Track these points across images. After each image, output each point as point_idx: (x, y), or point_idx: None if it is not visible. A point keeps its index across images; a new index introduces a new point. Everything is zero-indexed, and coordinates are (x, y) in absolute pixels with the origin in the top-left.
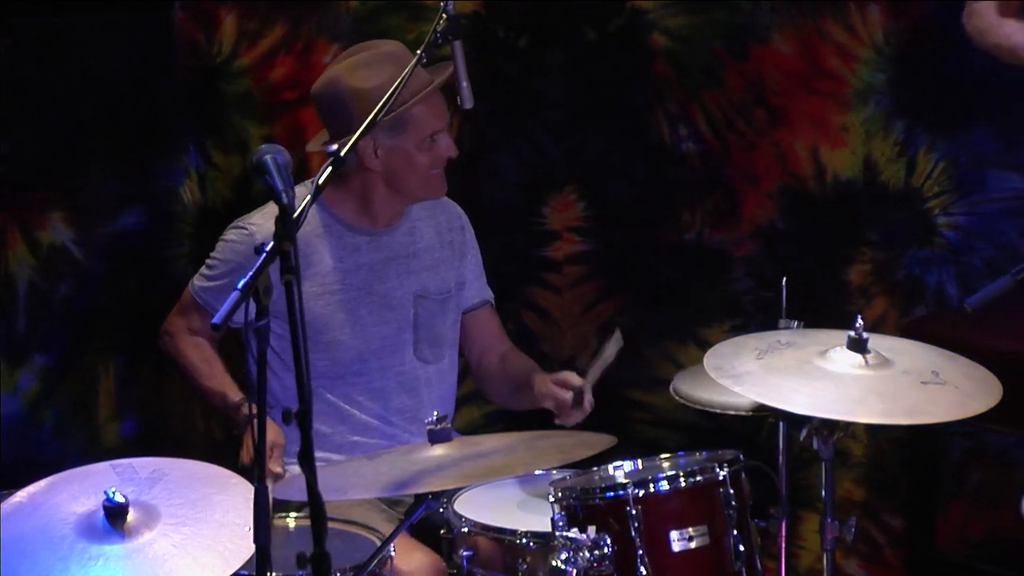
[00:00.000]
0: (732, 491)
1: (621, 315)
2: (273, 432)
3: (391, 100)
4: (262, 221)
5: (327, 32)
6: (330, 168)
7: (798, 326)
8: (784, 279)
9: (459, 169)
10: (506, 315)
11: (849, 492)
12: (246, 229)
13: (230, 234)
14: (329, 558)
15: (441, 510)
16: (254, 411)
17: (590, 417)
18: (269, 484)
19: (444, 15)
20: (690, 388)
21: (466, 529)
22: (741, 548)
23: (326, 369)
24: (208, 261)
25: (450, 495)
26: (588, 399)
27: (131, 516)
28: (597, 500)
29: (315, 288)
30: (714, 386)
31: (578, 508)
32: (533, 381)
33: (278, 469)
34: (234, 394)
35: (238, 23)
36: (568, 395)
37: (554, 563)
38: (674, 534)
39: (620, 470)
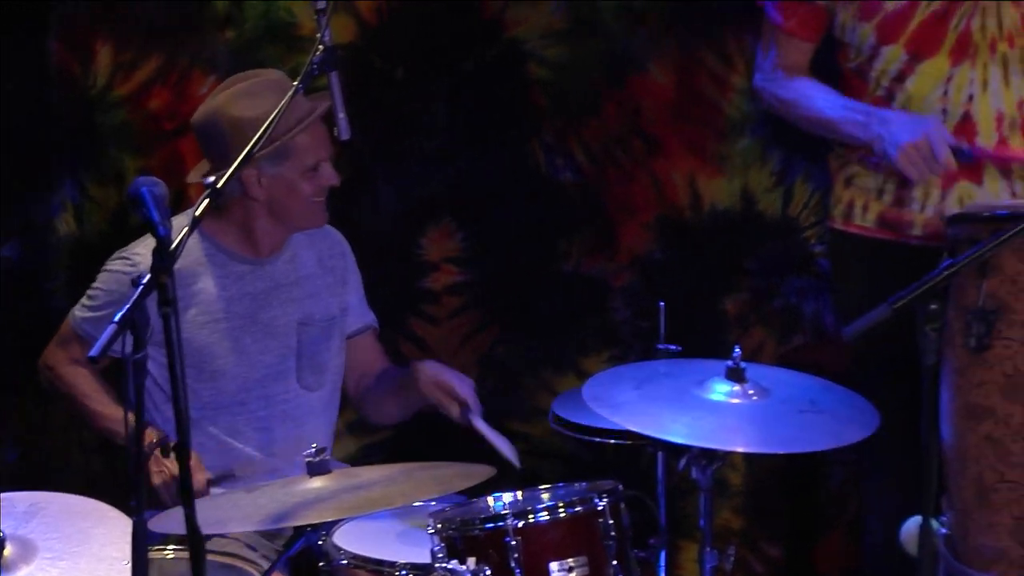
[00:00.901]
0: (612, 521)
1: (499, 345)
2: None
3: (270, 130)
4: (144, 251)
5: (204, 63)
6: (207, 200)
7: (676, 351)
8: (662, 304)
9: (338, 199)
10: (384, 346)
11: (728, 521)
12: (129, 259)
13: (112, 264)
14: None
15: (320, 543)
16: (149, 439)
17: (469, 448)
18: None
19: (321, 46)
20: (569, 416)
21: (345, 561)
22: None
23: (211, 399)
24: (89, 291)
25: (329, 527)
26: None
27: (8, 551)
28: (476, 531)
29: (199, 317)
30: (593, 415)
31: (457, 539)
32: (416, 371)
33: (203, 476)
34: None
35: (114, 54)
36: (453, 408)
37: None
38: (554, 565)
39: (499, 501)
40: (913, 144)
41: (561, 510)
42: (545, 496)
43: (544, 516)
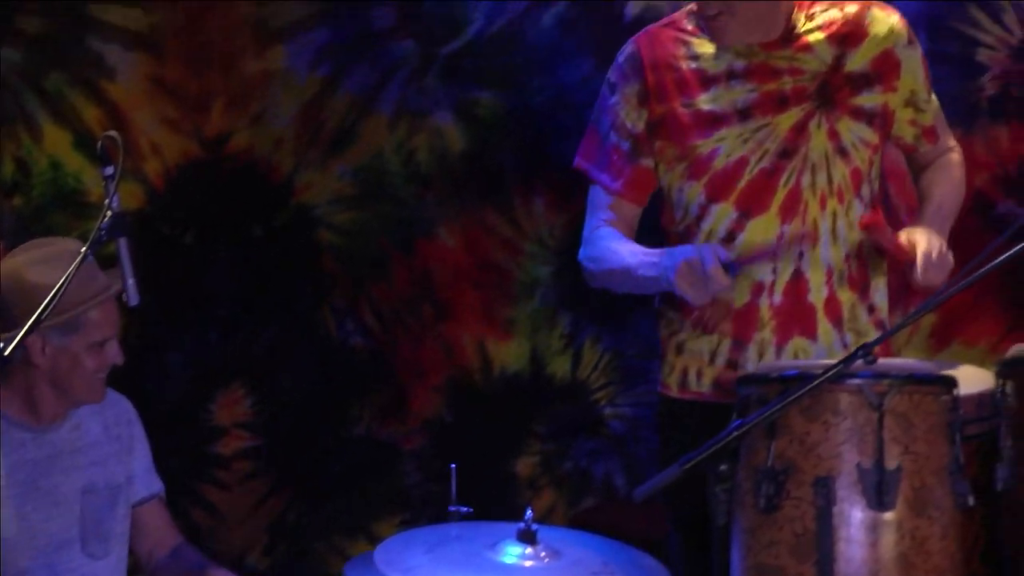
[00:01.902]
0: None
1: (291, 510)
2: None
3: (59, 299)
4: None
5: None
6: None
7: (468, 513)
8: (453, 466)
9: (126, 364)
10: (175, 512)
11: None
12: None
13: None
14: None
15: None
16: None
17: None
18: None
19: (109, 212)
20: None
21: None
22: None
23: None
24: None
25: None
26: None
27: None
28: None
29: None
30: None
31: None
32: None
33: None
34: None
35: None
36: None
37: None
38: None
39: None
40: (687, 262)
41: None
42: None
43: None
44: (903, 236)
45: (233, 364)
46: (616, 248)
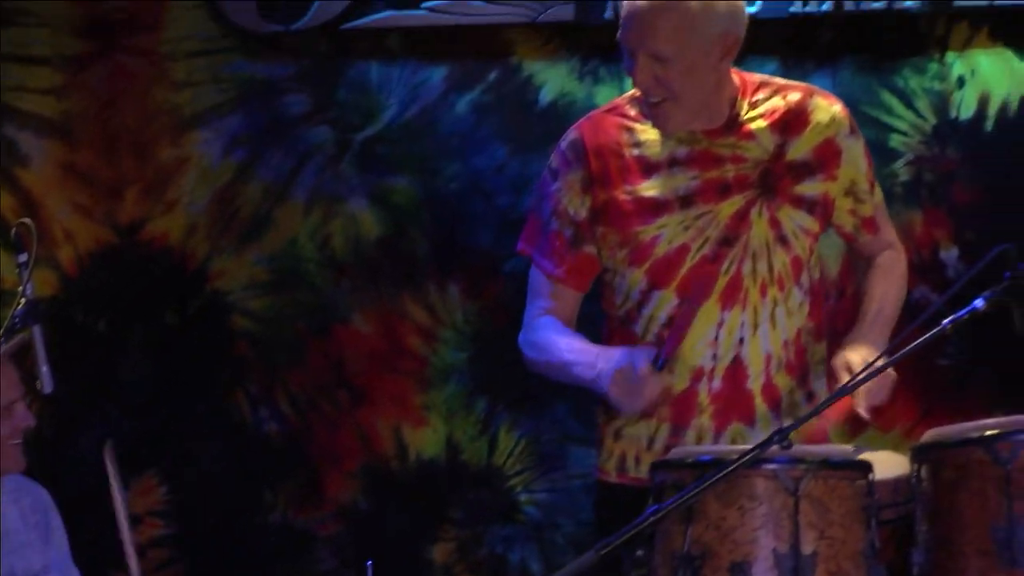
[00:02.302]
0: None
1: None
2: None
3: None
4: None
5: None
6: None
7: None
8: (370, 562)
9: (41, 452)
10: None
11: None
12: None
13: None
14: None
15: None
16: None
17: None
18: None
19: (23, 299)
20: None
21: None
22: None
23: None
24: None
25: None
26: None
27: None
28: None
29: None
30: None
31: None
32: None
33: None
34: None
35: None
36: None
37: None
38: None
39: None
40: (619, 370)
41: None
42: None
43: None
44: (841, 367)
45: (147, 451)
46: (556, 340)
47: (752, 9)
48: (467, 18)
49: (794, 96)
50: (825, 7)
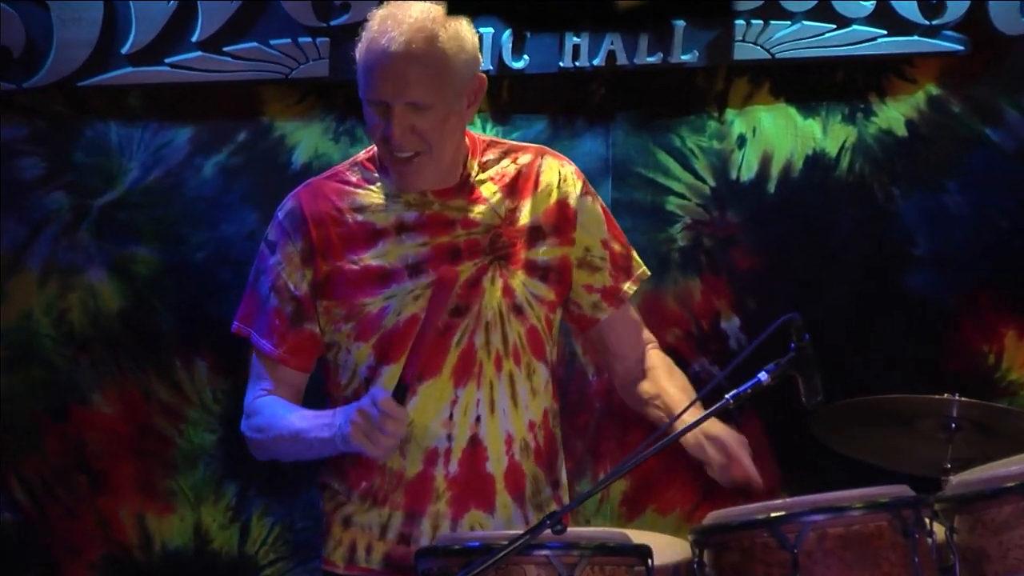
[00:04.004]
0: None
1: None
2: None
3: None
4: None
5: None
6: None
7: None
8: None
9: None
10: None
11: None
12: None
13: None
14: None
15: None
16: None
17: None
18: None
19: None
20: None
21: None
22: None
23: None
24: None
25: None
26: None
27: None
28: None
29: None
30: None
31: None
32: None
33: None
34: None
35: None
36: None
37: None
38: None
39: None
40: (359, 409)
41: None
42: None
43: None
44: (707, 445)
45: None
46: (283, 414)
47: (519, 64)
48: (213, 75)
49: (524, 158)
50: (596, 62)
